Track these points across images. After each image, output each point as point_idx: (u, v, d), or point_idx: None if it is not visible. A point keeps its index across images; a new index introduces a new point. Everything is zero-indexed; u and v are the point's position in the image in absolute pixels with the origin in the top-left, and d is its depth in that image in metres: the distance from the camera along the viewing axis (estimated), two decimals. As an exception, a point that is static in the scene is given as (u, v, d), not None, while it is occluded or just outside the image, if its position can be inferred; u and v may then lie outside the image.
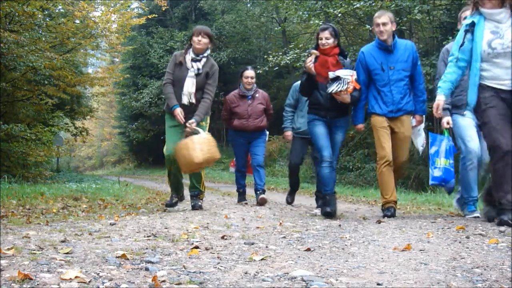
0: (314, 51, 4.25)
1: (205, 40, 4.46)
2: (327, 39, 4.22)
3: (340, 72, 4.06)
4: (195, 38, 4.46)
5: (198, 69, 4.43)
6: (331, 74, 4.05)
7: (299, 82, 5.21)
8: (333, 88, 4.04)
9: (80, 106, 16.73)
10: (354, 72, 4.11)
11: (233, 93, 5.79)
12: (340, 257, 2.21)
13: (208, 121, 4.66)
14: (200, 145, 4.26)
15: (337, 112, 4.29)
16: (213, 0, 21.05)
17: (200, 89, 4.45)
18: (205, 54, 4.50)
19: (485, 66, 3.40)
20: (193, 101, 4.40)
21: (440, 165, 4.29)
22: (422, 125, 4.52)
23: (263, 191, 5.53)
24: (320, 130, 4.28)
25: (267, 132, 5.96)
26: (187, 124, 4.34)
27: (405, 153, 4.32)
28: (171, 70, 4.51)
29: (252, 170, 5.70)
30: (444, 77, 3.64)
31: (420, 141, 4.52)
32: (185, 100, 4.39)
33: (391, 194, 4.20)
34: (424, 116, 4.44)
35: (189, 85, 4.39)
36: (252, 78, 5.65)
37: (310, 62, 4.16)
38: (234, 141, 5.84)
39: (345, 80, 4.03)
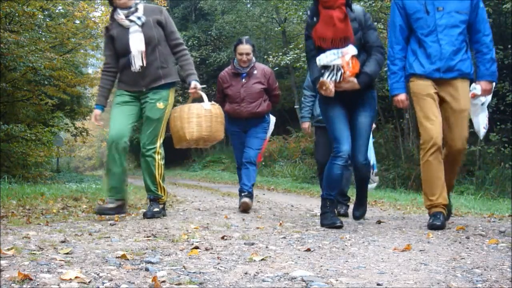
0: (325, 80, 3.01)
1: None
2: None
3: (325, 59, 3.00)
4: None
5: (139, 17, 3.45)
6: (317, 61, 3.07)
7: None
8: (326, 78, 3.04)
9: (80, 107, 16.79)
10: (347, 50, 2.97)
11: (226, 69, 4.66)
12: (340, 258, 2.20)
13: (172, 99, 3.59)
14: (198, 118, 3.45)
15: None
16: (213, 0, 21.04)
17: (152, 44, 3.49)
18: (137, 1, 3.55)
19: None
20: (144, 63, 3.45)
21: None
22: (489, 98, 3.16)
23: (249, 194, 4.38)
24: (336, 114, 3.15)
25: (272, 119, 4.74)
26: (190, 91, 3.54)
27: (463, 134, 3.05)
28: (108, 51, 3.59)
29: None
30: None
31: (482, 120, 3.22)
32: (137, 65, 3.44)
33: (439, 194, 3.04)
34: (494, 83, 3.11)
35: (137, 42, 3.41)
36: (247, 54, 4.43)
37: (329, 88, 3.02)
38: (228, 130, 4.55)
39: (335, 66, 2.99)
